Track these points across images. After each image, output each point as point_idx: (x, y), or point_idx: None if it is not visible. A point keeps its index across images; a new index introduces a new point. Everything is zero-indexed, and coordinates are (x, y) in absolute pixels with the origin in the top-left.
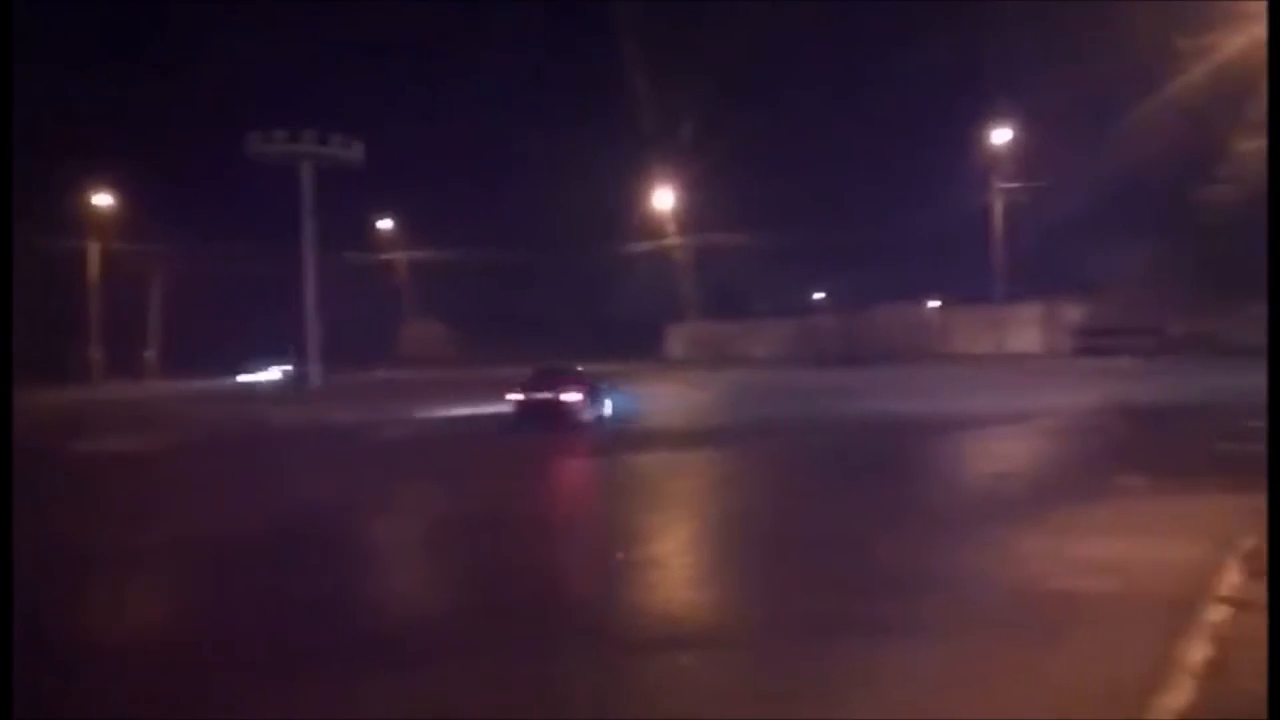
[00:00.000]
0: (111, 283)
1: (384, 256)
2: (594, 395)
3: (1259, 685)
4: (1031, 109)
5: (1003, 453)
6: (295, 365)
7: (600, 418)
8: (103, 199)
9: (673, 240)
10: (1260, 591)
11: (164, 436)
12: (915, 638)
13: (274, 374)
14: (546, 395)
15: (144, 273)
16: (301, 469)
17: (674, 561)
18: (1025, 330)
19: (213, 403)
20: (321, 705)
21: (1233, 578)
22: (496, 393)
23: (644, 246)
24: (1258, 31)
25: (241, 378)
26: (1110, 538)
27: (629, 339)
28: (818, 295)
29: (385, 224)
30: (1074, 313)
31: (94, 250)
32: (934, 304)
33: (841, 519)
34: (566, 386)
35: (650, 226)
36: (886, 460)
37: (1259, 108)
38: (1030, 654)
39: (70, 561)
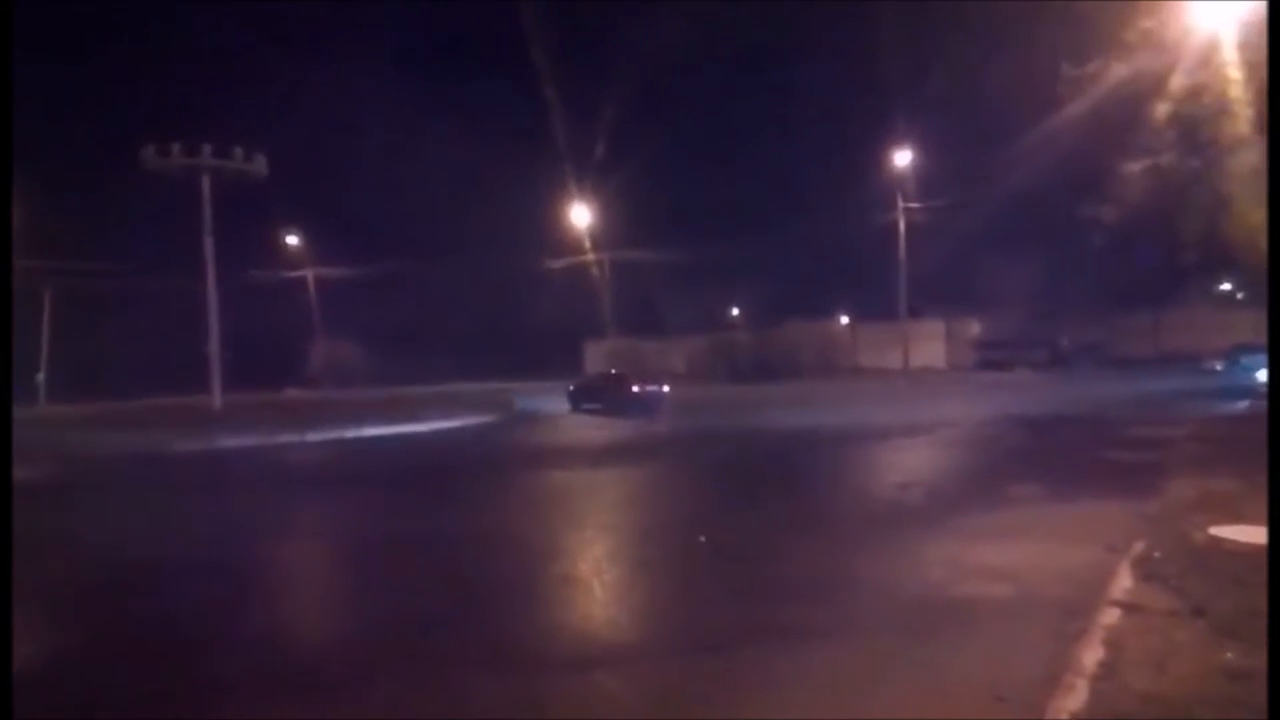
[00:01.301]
0: None
1: (291, 274)
2: None
3: (1149, 686)
4: (936, 129)
5: (905, 463)
6: None
7: None
8: None
9: (588, 255)
10: (1150, 595)
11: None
12: (819, 642)
13: None
14: None
15: (35, 291)
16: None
17: (591, 577)
18: (929, 345)
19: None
20: None
21: (1124, 582)
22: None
23: (561, 262)
24: (1140, 60)
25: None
26: (1006, 544)
27: (547, 355)
28: (733, 311)
29: (292, 240)
30: (974, 327)
31: None
32: (843, 320)
33: (750, 528)
34: None
35: (566, 242)
36: (794, 470)
37: (1142, 133)
38: (929, 656)
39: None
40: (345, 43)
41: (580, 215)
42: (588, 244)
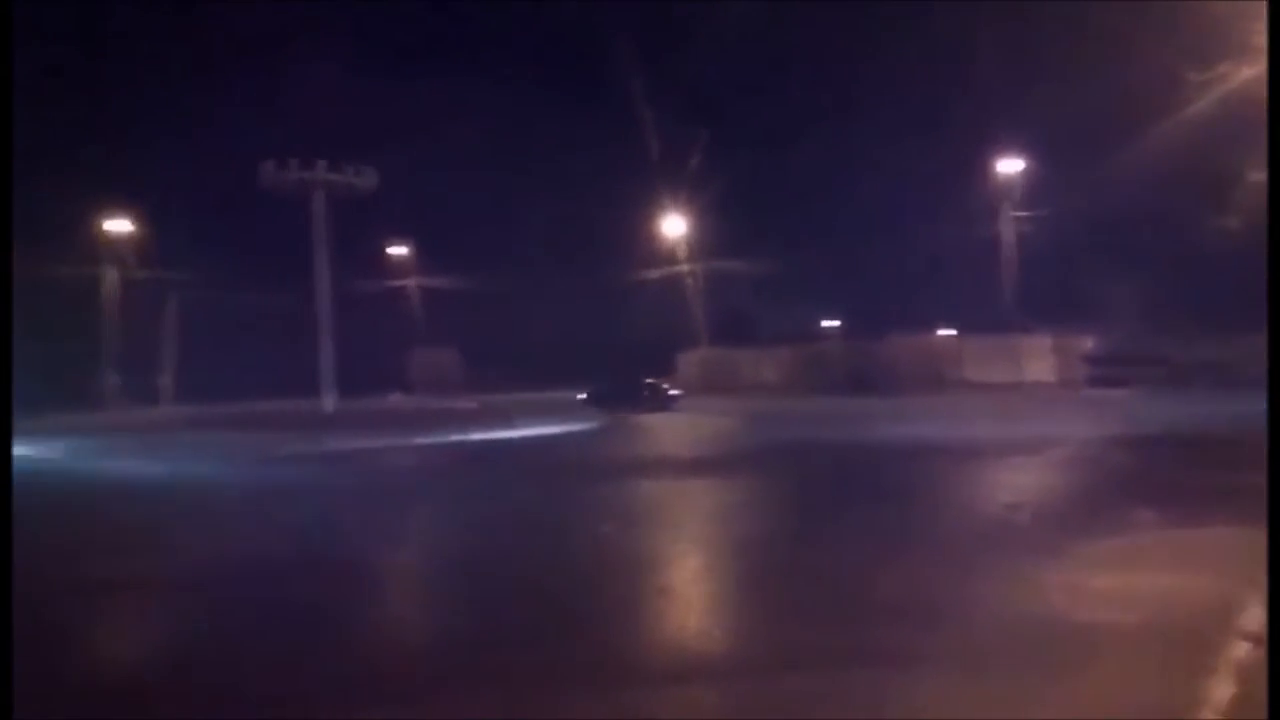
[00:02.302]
0: (127, 310)
1: (396, 283)
2: None
3: None
4: (1044, 134)
5: (1014, 481)
6: None
7: None
8: (118, 225)
9: (683, 266)
10: None
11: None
12: (927, 668)
13: None
14: None
15: (158, 301)
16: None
17: (687, 590)
18: (1038, 359)
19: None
20: None
21: (1255, 613)
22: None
23: (654, 273)
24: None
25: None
26: (1127, 570)
27: (641, 365)
28: (827, 323)
29: (398, 251)
30: (1084, 342)
31: (110, 277)
32: (947, 332)
33: (851, 545)
34: None
35: (660, 252)
36: (897, 486)
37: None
38: (1046, 687)
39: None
40: (444, 58)
41: (674, 226)
42: (681, 254)
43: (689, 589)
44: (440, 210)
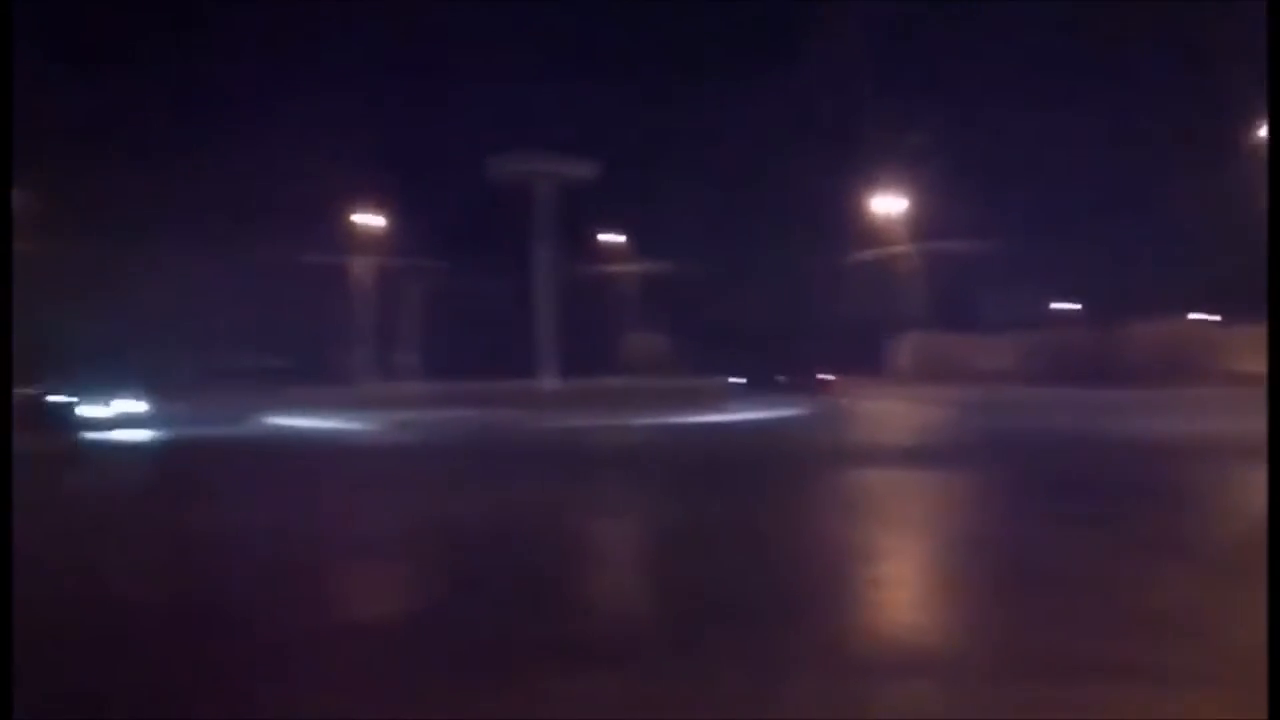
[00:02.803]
0: (376, 295)
1: (612, 269)
2: None
3: None
4: None
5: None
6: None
7: None
8: (365, 219)
9: (899, 248)
10: None
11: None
12: (1187, 688)
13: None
14: None
15: (403, 286)
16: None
17: (911, 583)
18: None
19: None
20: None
21: None
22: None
23: (868, 254)
24: None
25: None
26: None
27: (851, 351)
28: (1058, 306)
29: (613, 238)
30: None
31: (358, 265)
32: (1209, 318)
33: (1098, 549)
34: None
35: (875, 233)
36: (1151, 486)
37: None
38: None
39: None
40: (652, 47)
41: (889, 205)
42: (896, 235)
43: (914, 584)
44: (654, 198)
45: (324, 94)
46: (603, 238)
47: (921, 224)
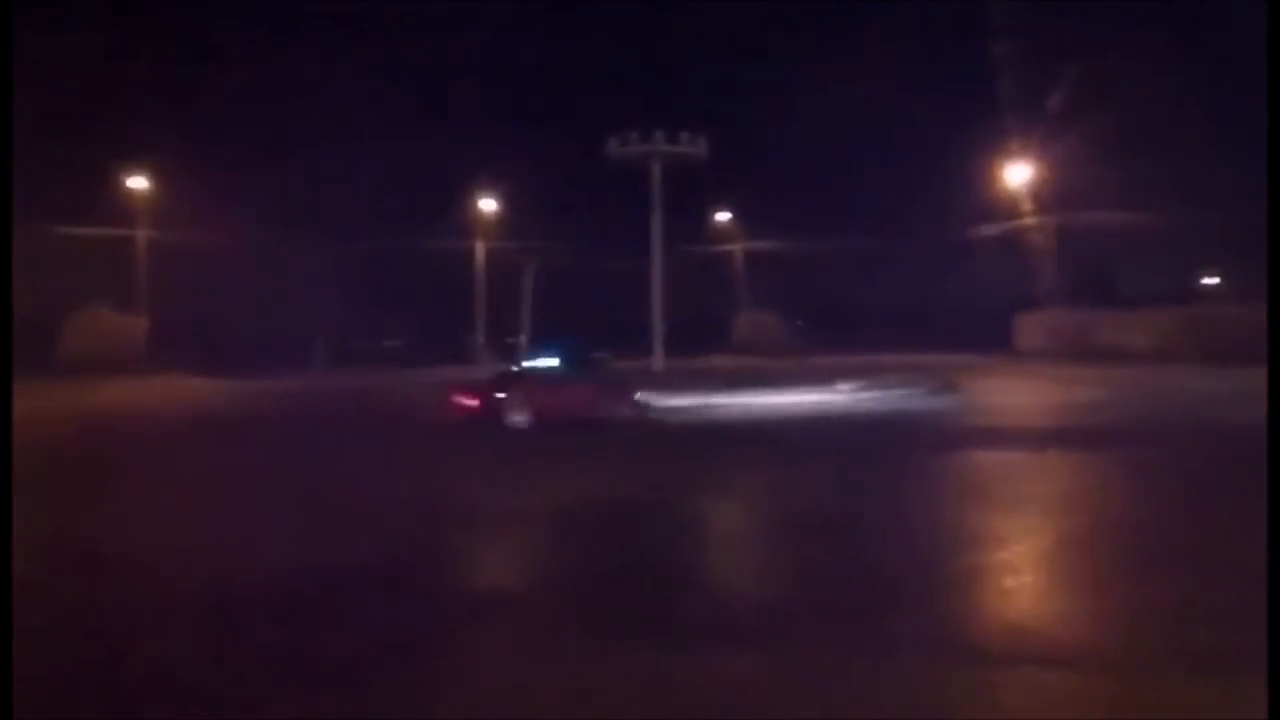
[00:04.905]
0: (492, 277)
1: (722, 248)
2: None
3: None
4: None
5: None
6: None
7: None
8: (485, 204)
9: (1028, 220)
10: None
11: None
12: None
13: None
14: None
15: (517, 269)
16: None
17: (1039, 568)
18: None
19: None
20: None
21: None
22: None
23: (995, 228)
24: None
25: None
26: None
27: (976, 329)
28: (1207, 281)
29: (724, 216)
30: None
31: (479, 249)
32: None
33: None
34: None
35: (1004, 205)
36: None
37: None
38: None
39: None
40: (771, 26)
41: (1020, 175)
42: (1029, 206)
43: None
44: (766, 176)
45: (447, 85)
46: (718, 217)
47: (1058, 195)
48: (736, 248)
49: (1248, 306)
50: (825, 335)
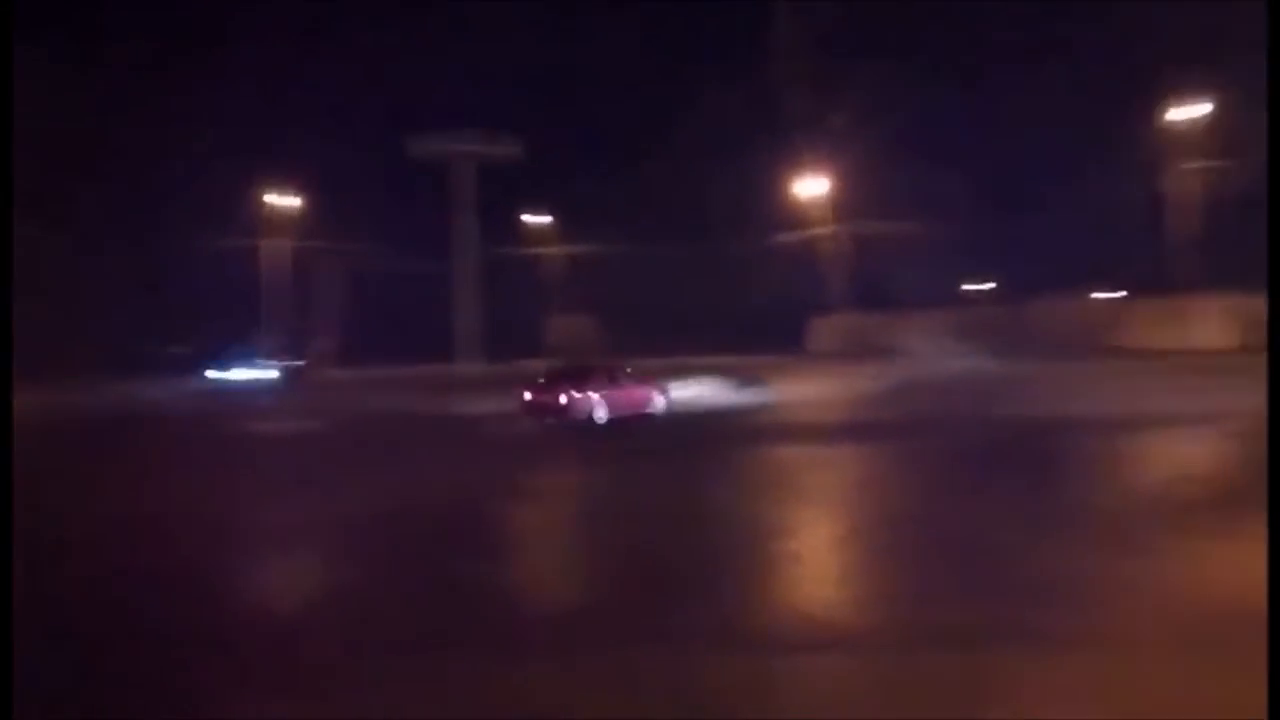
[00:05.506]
0: (287, 279)
1: (534, 251)
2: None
3: None
4: (1215, 84)
5: (1183, 458)
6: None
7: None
8: (277, 200)
9: (820, 229)
10: None
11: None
12: (1074, 651)
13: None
14: (550, 396)
15: (319, 269)
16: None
17: (817, 558)
18: (1210, 325)
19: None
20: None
21: None
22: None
23: (790, 236)
24: None
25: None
26: None
27: (774, 331)
28: (969, 286)
29: (537, 219)
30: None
31: (271, 248)
32: (1105, 295)
33: (990, 522)
34: (576, 385)
35: (798, 215)
36: (1044, 461)
37: None
38: (1213, 675)
39: None
40: (586, 29)
41: (812, 188)
42: (819, 218)
43: (816, 559)
44: (578, 179)
45: (237, 78)
46: (530, 219)
47: (843, 206)
48: (551, 251)
49: (1007, 309)
50: (634, 339)
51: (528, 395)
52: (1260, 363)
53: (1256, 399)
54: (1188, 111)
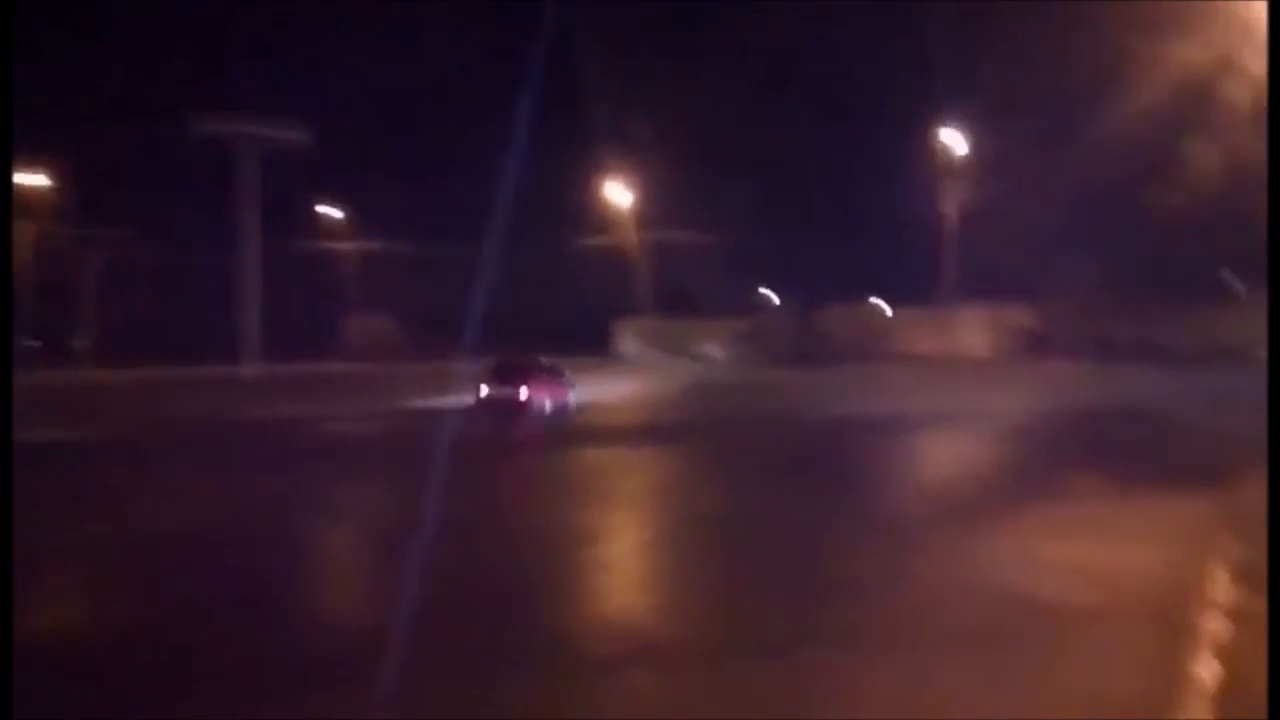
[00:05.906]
0: (41, 268)
1: (329, 246)
2: (558, 389)
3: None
4: (984, 114)
5: (953, 453)
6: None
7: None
8: (31, 178)
9: (623, 236)
10: (1252, 599)
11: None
12: (880, 652)
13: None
14: (508, 390)
15: (75, 258)
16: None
17: (627, 565)
18: (972, 332)
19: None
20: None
21: (1220, 584)
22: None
23: (593, 241)
24: (1216, 39)
25: None
26: (1079, 541)
27: (577, 334)
28: (764, 291)
29: (332, 213)
30: (1020, 316)
31: (22, 232)
32: (881, 305)
33: (791, 523)
34: (529, 380)
35: (602, 220)
36: (838, 462)
37: (1213, 117)
38: (1016, 671)
39: None
40: (392, 14)
41: (618, 195)
42: (624, 225)
43: (627, 567)
44: (376, 172)
45: None
46: (323, 212)
47: (645, 213)
48: (346, 247)
49: (791, 318)
50: (435, 340)
51: (485, 390)
52: (1004, 368)
53: (1008, 398)
54: (953, 140)
